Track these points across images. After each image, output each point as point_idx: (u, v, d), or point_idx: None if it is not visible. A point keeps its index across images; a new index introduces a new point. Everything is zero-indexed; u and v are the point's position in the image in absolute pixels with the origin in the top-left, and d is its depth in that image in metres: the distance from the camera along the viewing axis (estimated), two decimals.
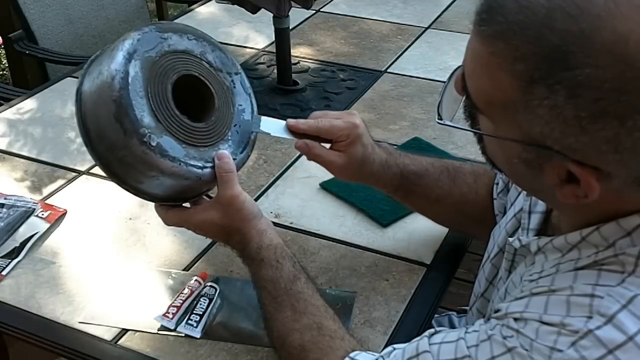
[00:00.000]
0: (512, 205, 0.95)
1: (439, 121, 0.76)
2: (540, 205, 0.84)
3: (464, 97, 0.71)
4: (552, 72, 0.59)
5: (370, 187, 1.28)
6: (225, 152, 0.95)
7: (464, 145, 1.44)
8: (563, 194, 0.66)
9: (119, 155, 0.91)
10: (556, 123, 0.61)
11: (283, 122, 1.01)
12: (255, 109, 1.03)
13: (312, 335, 0.87)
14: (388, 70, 1.80)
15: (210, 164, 0.94)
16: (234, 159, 0.95)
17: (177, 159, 0.90)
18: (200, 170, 0.92)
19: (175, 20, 2.14)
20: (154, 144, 0.88)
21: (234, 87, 1.01)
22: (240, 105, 1.01)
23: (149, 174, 0.91)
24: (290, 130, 1.00)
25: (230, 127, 0.98)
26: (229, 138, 0.98)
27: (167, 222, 0.99)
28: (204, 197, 0.99)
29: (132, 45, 0.91)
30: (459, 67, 0.72)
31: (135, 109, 0.88)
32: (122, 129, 0.87)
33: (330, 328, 0.88)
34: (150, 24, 0.97)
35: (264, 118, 1.02)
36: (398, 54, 1.88)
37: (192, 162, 0.92)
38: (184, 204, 0.99)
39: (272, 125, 1.02)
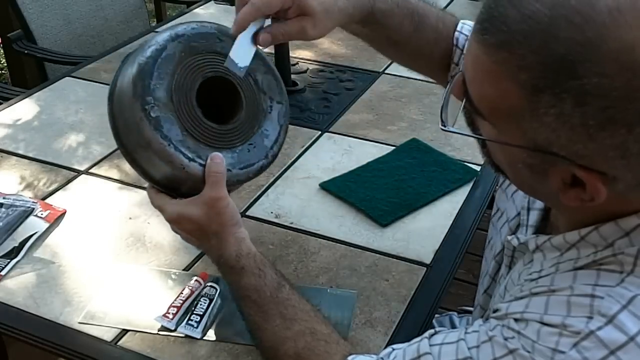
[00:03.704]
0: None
1: (443, 128, 0.75)
2: (540, 202, 0.84)
3: (463, 102, 0.71)
4: (558, 81, 0.59)
5: (370, 186, 1.30)
6: (220, 155, 0.93)
7: (461, 147, 1.45)
8: (567, 197, 0.66)
9: (125, 116, 0.92)
10: (563, 130, 0.61)
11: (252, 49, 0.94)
12: (281, 141, 1.00)
13: (307, 342, 0.86)
14: (386, 72, 1.80)
15: (201, 161, 0.92)
16: (228, 170, 0.93)
17: (169, 139, 0.89)
18: (186, 160, 0.90)
19: (174, 21, 2.14)
20: (153, 115, 0.89)
21: (269, 112, 1.00)
22: (267, 130, 0.99)
23: (140, 143, 0.91)
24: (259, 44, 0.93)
25: (244, 142, 0.97)
26: (237, 152, 0.96)
27: (153, 203, 0.98)
28: None
29: (184, 30, 0.94)
30: (457, 73, 0.72)
31: (153, 79, 0.89)
32: (133, 91, 0.89)
33: (324, 332, 0.87)
34: (215, 25, 0.98)
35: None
36: None
37: (182, 149, 0.90)
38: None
39: (244, 54, 0.94)
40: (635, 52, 0.57)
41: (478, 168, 1.36)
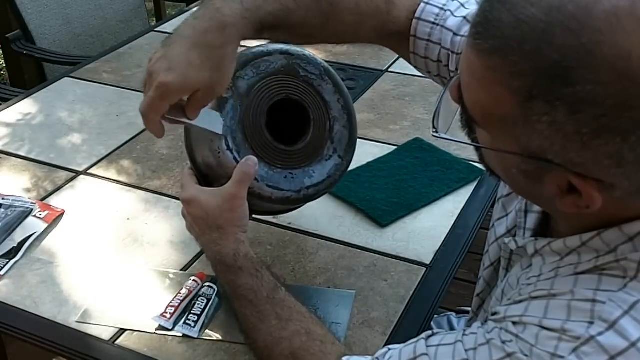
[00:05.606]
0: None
1: (435, 134, 0.74)
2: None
3: (460, 106, 0.70)
4: (551, 88, 0.58)
5: (370, 187, 1.30)
6: (255, 160, 0.95)
7: (466, 146, 1.43)
8: (564, 203, 0.65)
9: None
10: (556, 138, 0.60)
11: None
12: (321, 189, 1.02)
13: (302, 342, 0.86)
14: (389, 70, 1.79)
15: (237, 156, 0.95)
16: (255, 180, 0.95)
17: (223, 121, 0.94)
18: (225, 146, 0.94)
19: (174, 20, 2.13)
20: (224, 95, 0.94)
21: (326, 160, 1.02)
22: (313, 172, 1.01)
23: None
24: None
25: (286, 169, 0.99)
26: (274, 171, 0.98)
27: (181, 180, 1.01)
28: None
29: (296, 51, 1.00)
30: (454, 76, 0.71)
31: (244, 70, 0.96)
32: None
33: (319, 333, 0.87)
34: (326, 66, 1.02)
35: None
36: None
37: (228, 136, 0.94)
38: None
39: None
40: (632, 59, 0.56)
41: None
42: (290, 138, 1.01)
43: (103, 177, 1.37)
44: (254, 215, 1.05)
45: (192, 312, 1.02)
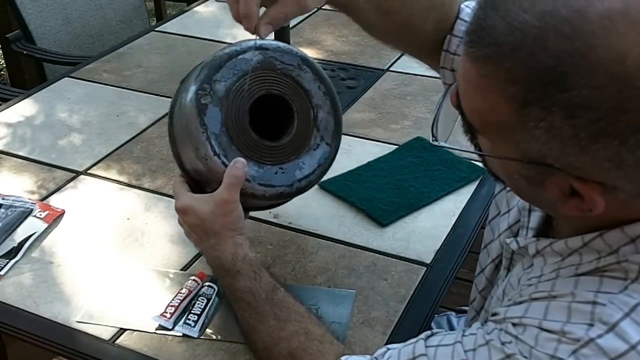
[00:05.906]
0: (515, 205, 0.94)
1: (435, 143, 0.74)
2: None
3: (459, 114, 0.70)
4: (546, 94, 0.58)
5: (370, 186, 1.29)
6: (244, 161, 0.95)
7: (468, 146, 1.43)
8: (567, 207, 0.65)
9: (182, 96, 0.98)
10: (554, 143, 0.60)
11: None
12: (313, 179, 1.01)
13: (300, 342, 0.86)
14: (390, 69, 1.79)
15: (225, 160, 0.94)
16: (247, 181, 0.95)
17: (205, 127, 0.94)
18: (211, 152, 0.94)
19: (174, 20, 2.13)
20: (203, 101, 0.94)
21: (314, 149, 1.01)
22: (303, 163, 1.01)
23: (182, 122, 0.96)
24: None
25: (275, 164, 0.99)
26: (264, 169, 0.98)
27: (173, 189, 1.02)
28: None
29: (270, 44, 0.99)
30: (453, 83, 0.71)
31: (219, 72, 0.96)
32: (197, 75, 0.96)
33: (317, 333, 0.87)
34: (303, 54, 1.02)
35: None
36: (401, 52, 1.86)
37: (213, 142, 0.94)
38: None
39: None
40: (626, 62, 0.55)
41: None
42: (277, 133, 1.00)
43: (103, 177, 1.37)
44: (250, 213, 1.05)
45: (192, 311, 1.02)
